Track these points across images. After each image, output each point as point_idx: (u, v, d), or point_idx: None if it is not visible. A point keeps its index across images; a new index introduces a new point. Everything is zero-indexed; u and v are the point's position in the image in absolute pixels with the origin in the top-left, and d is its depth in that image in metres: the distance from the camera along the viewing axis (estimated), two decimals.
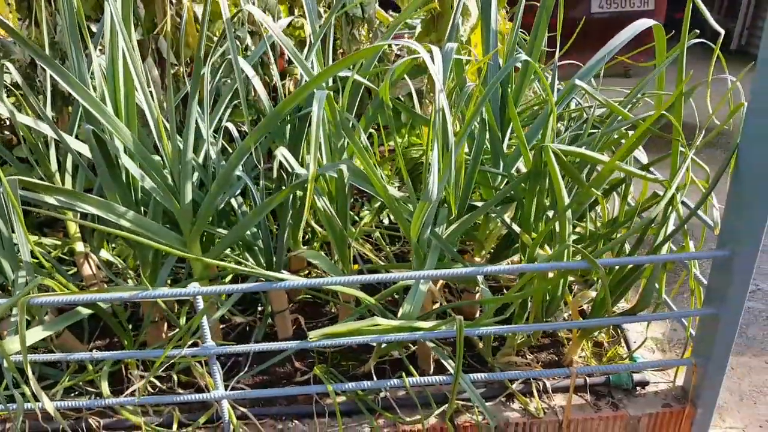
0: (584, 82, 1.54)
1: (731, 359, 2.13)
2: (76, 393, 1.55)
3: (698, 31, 1.45)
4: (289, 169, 1.57)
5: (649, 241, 1.49)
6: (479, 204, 1.57)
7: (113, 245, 1.97)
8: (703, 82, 1.40)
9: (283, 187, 1.69)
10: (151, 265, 1.53)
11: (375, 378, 1.53)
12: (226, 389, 1.47)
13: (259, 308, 1.85)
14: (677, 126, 1.35)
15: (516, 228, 1.49)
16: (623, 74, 5.85)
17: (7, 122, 2.60)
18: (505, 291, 1.90)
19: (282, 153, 1.56)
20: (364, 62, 1.75)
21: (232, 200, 1.67)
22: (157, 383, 1.57)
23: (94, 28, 2.39)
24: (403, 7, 2.99)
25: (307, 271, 1.96)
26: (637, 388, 1.55)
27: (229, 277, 1.78)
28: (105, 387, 1.45)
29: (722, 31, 1.32)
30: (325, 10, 2.76)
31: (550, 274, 1.37)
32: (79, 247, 1.76)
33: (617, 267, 1.47)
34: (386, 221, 2.28)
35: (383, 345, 1.51)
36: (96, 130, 1.37)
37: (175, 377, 1.56)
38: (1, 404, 1.31)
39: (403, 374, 1.43)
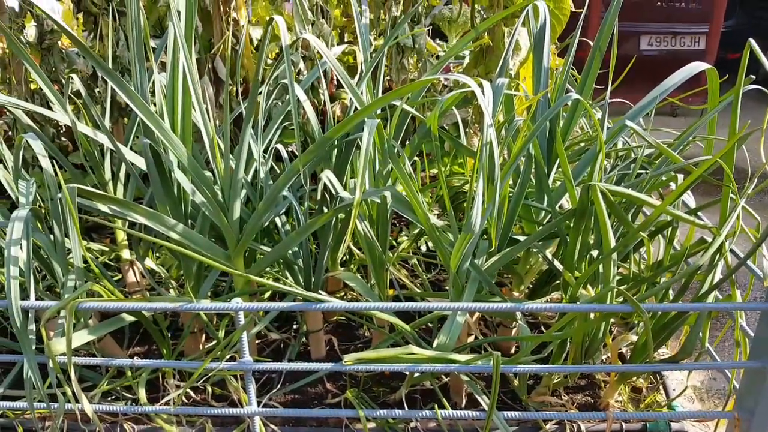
0: (634, 121, 1.53)
1: None
2: (113, 397, 1.59)
3: (754, 77, 1.43)
4: (333, 192, 1.60)
5: (694, 287, 1.46)
6: (520, 237, 1.57)
7: (157, 254, 2.02)
8: (758, 129, 1.38)
9: (325, 209, 1.71)
10: (194, 278, 1.56)
11: (406, 406, 1.52)
12: (258, 405, 1.48)
13: (294, 326, 1.86)
14: (729, 172, 1.33)
15: (558, 265, 1.48)
16: (670, 113, 5.77)
17: (63, 128, 2.71)
18: (542, 327, 1.88)
19: (327, 176, 1.59)
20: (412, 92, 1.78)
21: (276, 219, 1.70)
22: (192, 394, 1.59)
23: (153, 44, 2.48)
24: (449, 36, 3.03)
25: (343, 293, 1.97)
26: None
27: (267, 293, 1.80)
28: (142, 394, 1.48)
29: None
30: (375, 37, 2.81)
31: (592, 316, 1.36)
32: (126, 254, 1.82)
33: (660, 312, 1.44)
34: (423, 248, 2.28)
35: (417, 374, 1.50)
36: (152, 143, 1.42)
37: (209, 389, 1.58)
38: (44, 403, 1.35)
39: (435, 406, 1.42)
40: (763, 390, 1.33)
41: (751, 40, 1.31)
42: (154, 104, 1.57)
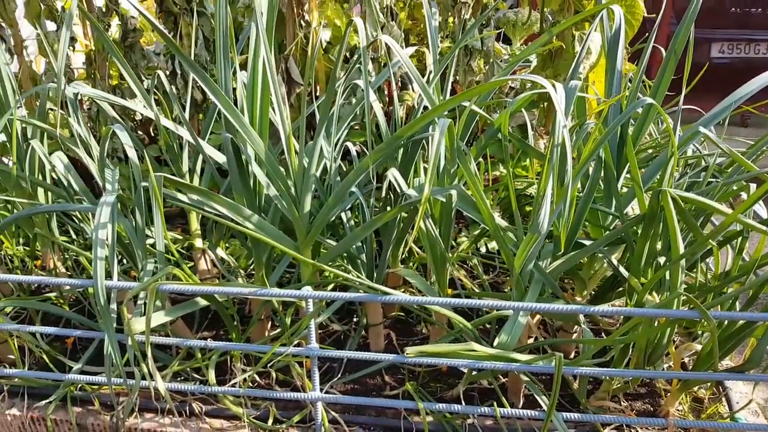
0: (706, 129, 1.51)
1: None
2: (182, 378, 1.67)
3: None
4: (398, 190, 1.64)
5: (763, 300, 1.43)
6: (585, 242, 1.57)
7: (227, 244, 2.11)
8: None
9: (388, 208, 1.75)
10: (264, 267, 1.63)
11: (463, 403, 1.55)
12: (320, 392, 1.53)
13: (355, 319, 1.91)
14: None
15: (624, 271, 1.47)
16: (740, 123, 5.54)
17: (139, 122, 2.85)
18: (603, 334, 1.86)
19: (393, 174, 1.63)
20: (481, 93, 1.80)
21: (341, 214, 1.76)
22: (257, 378, 1.66)
23: None
24: (513, 39, 3.03)
25: (402, 290, 2.01)
26: None
27: (330, 286, 1.86)
28: (212, 375, 1.56)
29: None
30: (441, 39, 2.84)
31: (657, 322, 1.35)
32: (198, 243, 1.91)
33: (726, 322, 1.42)
34: (483, 249, 2.30)
35: (474, 372, 1.52)
36: (233, 138, 1.50)
37: (273, 374, 1.64)
38: (122, 378, 1.43)
39: (494, 403, 1.44)
40: None
41: None
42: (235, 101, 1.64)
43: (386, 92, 2.46)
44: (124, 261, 2.07)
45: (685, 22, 1.48)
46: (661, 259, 1.47)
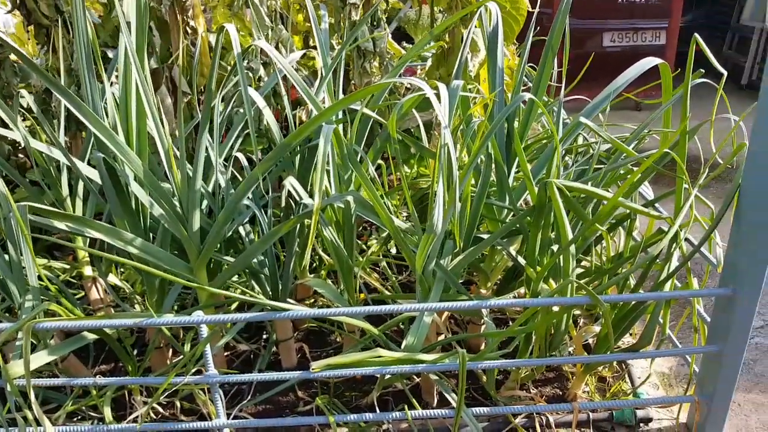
0: (591, 117, 1.55)
1: (738, 396, 2.10)
2: (79, 417, 1.56)
3: (703, 70, 1.47)
4: (297, 199, 1.59)
5: (654, 275, 1.49)
6: (486, 236, 1.58)
7: (121, 270, 1.99)
8: (708, 120, 1.41)
9: (292, 216, 1.70)
10: (157, 292, 1.54)
11: (378, 409, 1.52)
12: (228, 417, 1.46)
13: (264, 336, 1.85)
14: (680, 164, 1.36)
15: (521, 261, 1.49)
16: (635, 107, 5.86)
17: (20, 145, 2.64)
18: (511, 323, 1.89)
19: (290, 182, 1.58)
20: (374, 95, 1.78)
21: (240, 228, 1.69)
22: (160, 410, 1.57)
23: (111, 55, 2.44)
24: (416, 38, 3.04)
25: (313, 300, 1.97)
26: (641, 424, 1.54)
27: (235, 304, 1.78)
28: (108, 412, 1.46)
29: (724, 72, 1.34)
30: (338, 42, 2.81)
31: (555, 309, 1.37)
32: (87, 271, 1.78)
33: (621, 303, 1.47)
34: (394, 250, 2.29)
35: (387, 376, 1.50)
36: (107, 157, 1.40)
37: (177, 404, 1.56)
38: (3, 428, 1.31)
39: (406, 407, 1.42)
40: (719, 373, 1.37)
41: (697, 36, 1.34)
42: (108, 116, 1.54)
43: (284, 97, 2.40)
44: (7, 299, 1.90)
45: (559, 15, 1.52)
46: (557, 247, 1.50)
